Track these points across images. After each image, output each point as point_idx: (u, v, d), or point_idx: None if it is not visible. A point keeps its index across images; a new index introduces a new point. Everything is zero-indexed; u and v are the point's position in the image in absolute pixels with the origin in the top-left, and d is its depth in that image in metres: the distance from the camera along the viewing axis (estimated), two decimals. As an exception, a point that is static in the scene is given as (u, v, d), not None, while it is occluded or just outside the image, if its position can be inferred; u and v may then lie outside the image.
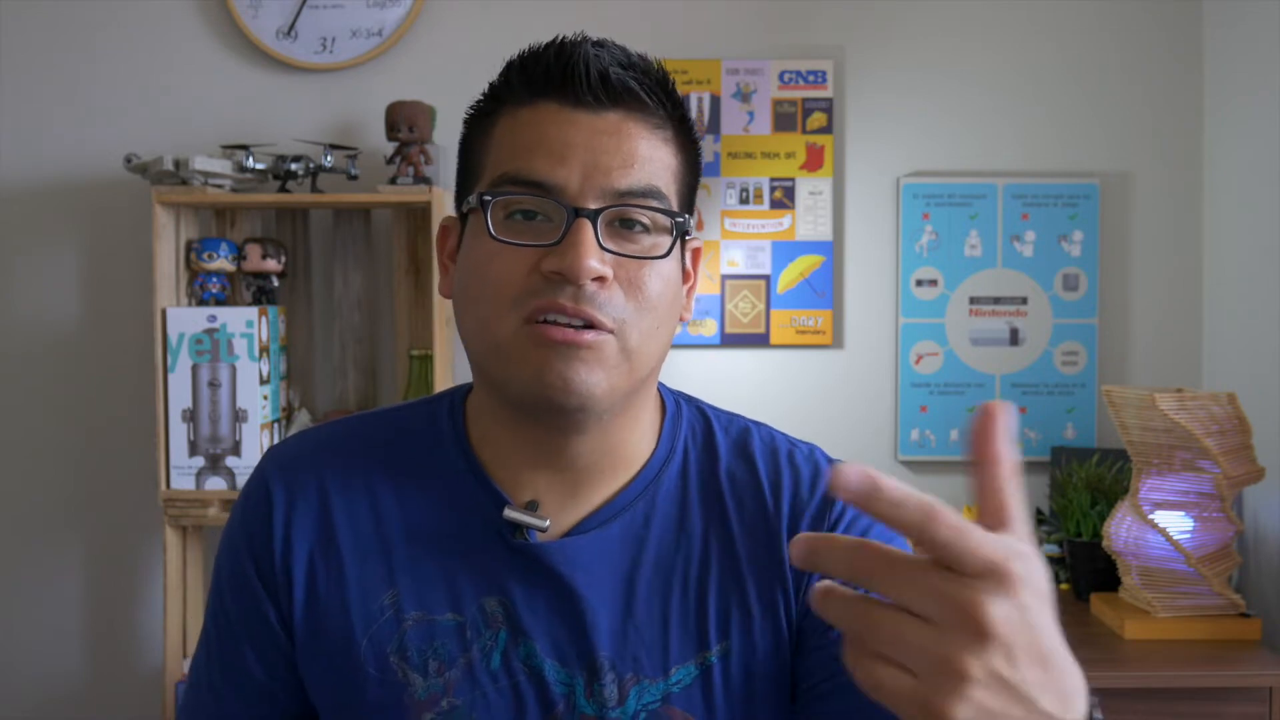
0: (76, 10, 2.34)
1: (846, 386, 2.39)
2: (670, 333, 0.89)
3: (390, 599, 0.88)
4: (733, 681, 0.88)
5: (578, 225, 0.81)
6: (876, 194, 2.38)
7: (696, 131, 0.92)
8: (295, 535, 0.91)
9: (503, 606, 0.88)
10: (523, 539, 0.88)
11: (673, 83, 0.89)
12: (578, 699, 0.86)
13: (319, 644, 0.90)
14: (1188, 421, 1.88)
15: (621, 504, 0.91)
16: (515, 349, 0.83)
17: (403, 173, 2.16)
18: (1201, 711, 1.79)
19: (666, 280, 0.86)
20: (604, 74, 0.84)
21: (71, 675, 2.37)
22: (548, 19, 2.31)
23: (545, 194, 0.83)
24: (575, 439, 0.88)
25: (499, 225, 0.84)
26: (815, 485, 0.93)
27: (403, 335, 2.32)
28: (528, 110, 0.85)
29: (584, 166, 0.83)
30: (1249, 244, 2.20)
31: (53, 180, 2.35)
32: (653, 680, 0.87)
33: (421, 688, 0.87)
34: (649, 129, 0.86)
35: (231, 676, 0.94)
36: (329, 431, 0.97)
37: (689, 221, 0.88)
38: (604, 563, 0.88)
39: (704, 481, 0.93)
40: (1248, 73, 2.21)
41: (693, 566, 0.90)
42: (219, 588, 0.95)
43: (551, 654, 0.87)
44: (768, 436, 0.97)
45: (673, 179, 0.88)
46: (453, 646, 0.87)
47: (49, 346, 2.36)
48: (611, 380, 0.84)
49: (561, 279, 0.81)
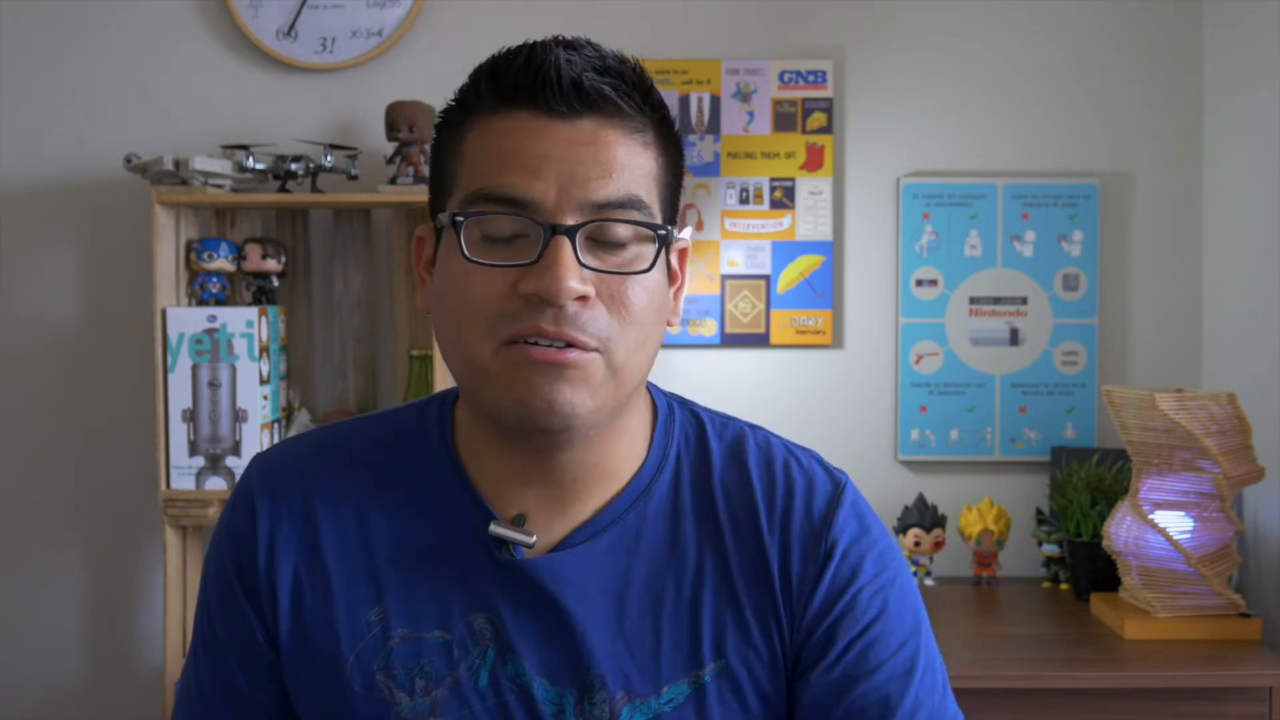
0: (76, 10, 2.34)
1: (846, 386, 2.39)
2: (657, 343, 0.86)
3: (377, 615, 0.87)
4: (727, 701, 0.86)
5: (555, 243, 0.78)
6: (876, 194, 2.38)
7: (676, 128, 0.88)
8: (280, 549, 0.89)
9: (490, 624, 0.86)
10: (509, 555, 0.86)
11: (650, 82, 0.86)
12: (567, 717, 0.85)
13: (305, 660, 0.88)
14: (1188, 421, 1.88)
15: (611, 516, 0.88)
16: (496, 371, 0.81)
17: (403, 173, 2.16)
18: (1201, 711, 1.79)
19: (651, 292, 0.83)
20: (576, 81, 0.80)
21: (71, 675, 2.37)
22: (547, 19, 2.31)
23: (520, 210, 0.80)
24: (561, 454, 0.86)
25: (474, 245, 0.81)
26: (810, 504, 0.90)
27: (403, 335, 2.32)
28: (499, 120, 0.82)
29: (560, 179, 0.79)
30: (1249, 244, 2.20)
31: (53, 180, 2.35)
32: (644, 699, 0.85)
33: (408, 706, 0.85)
34: (626, 134, 0.82)
35: (219, 688, 0.92)
36: (315, 440, 0.95)
37: (672, 232, 0.84)
38: (593, 578, 0.86)
39: (697, 492, 0.90)
40: (1248, 73, 2.21)
41: (685, 582, 0.87)
42: (206, 600, 0.93)
43: (540, 672, 0.85)
44: (764, 442, 0.94)
45: (654, 184, 0.84)
46: (440, 665, 0.85)
47: (49, 346, 2.36)
48: (598, 399, 0.81)
49: (541, 301, 0.78)
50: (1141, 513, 1.95)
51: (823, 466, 0.94)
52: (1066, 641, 1.93)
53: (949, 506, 2.31)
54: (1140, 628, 1.92)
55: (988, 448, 2.37)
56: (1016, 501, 2.34)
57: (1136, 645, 1.90)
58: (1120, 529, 1.97)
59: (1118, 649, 1.89)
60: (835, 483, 0.93)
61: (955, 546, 2.31)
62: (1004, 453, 2.37)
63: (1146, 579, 1.96)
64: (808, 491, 0.91)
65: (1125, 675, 1.79)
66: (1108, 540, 1.99)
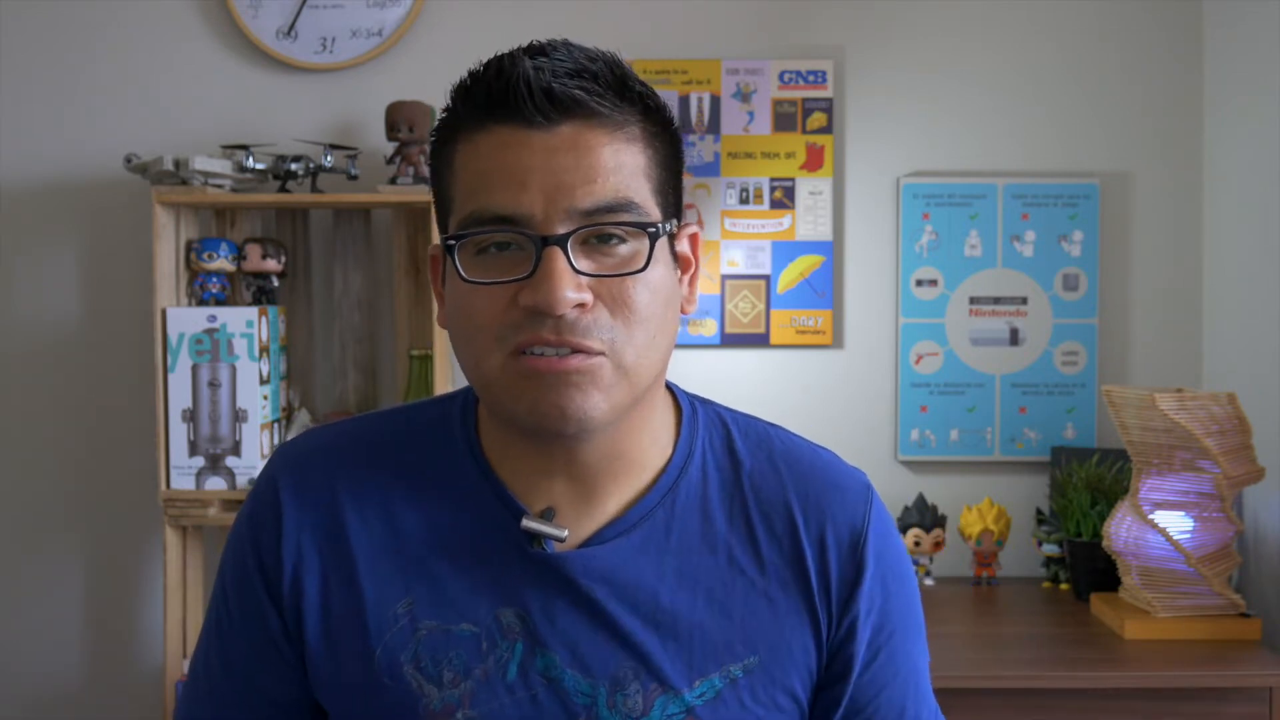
0: (76, 10, 2.34)
1: (846, 386, 2.39)
2: (671, 337, 0.87)
3: (405, 607, 0.87)
4: (759, 696, 0.87)
5: (548, 255, 0.79)
6: (876, 194, 2.38)
7: (667, 114, 0.87)
8: (305, 540, 0.89)
9: (519, 618, 0.86)
10: (540, 549, 0.87)
11: (628, 75, 0.84)
12: (600, 710, 0.85)
13: (332, 650, 0.88)
14: (1188, 421, 1.88)
15: (641, 512, 0.89)
16: (506, 384, 0.82)
17: (403, 173, 2.16)
18: (1201, 711, 1.79)
19: (655, 288, 0.83)
20: (547, 90, 0.80)
21: (71, 675, 2.37)
22: (547, 19, 2.31)
23: (512, 226, 0.80)
24: (584, 448, 0.86)
25: (470, 265, 0.82)
26: (845, 505, 0.92)
27: (403, 335, 2.32)
28: (481, 136, 0.82)
29: (545, 190, 0.80)
30: (1249, 244, 2.20)
31: (53, 180, 2.35)
32: (677, 692, 0.86)
33: (437, 698, 0.85)
34: (608, 134, 0.82)
35: (232, 680, 0.93)
36: (340, 431, 0.95)
37: (662, 228, 0.84)
38: (625, 573, 0.87)
39: (727, 489, 0.91)
40: (1248, 73, 2.21)
41: (718, 577, 0.88)
42: (222, 588, 0.94)
43: (572, 665, 0.85)
44: (790, 441, 0.95)
45: (644, 180, 0.84)
46: (469, 657, 0.86)
47: (49, 346, 2.35)
48: (611, 400, 0.82)
49: (539, 313, 0.79)
50: (1141, 513, 1.95)
51: (845, 465, 0.96)
52: (1066, 641, 1.93)
53: (949, 506, 2.31)
54: (1140, 628, 1.92)
55: (988, 448, 2.37)
56: (1016, 501, 2.34)
57: (1136, 645, 1.90)
58: (1120, 529, 1.97)
59: (1118, 649, 1.89)
60: (863, 483, 0.95)
61: (955, 546, 2.31)
62: (1004, 453, 2.37)
63: (1146, 579, 1.96)
64: (842, 492, 0.93)
65: (1125, 675, 1.79)
66: (1108, 540, 1.99)
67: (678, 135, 0.89)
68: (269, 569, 0.90)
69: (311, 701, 0.92)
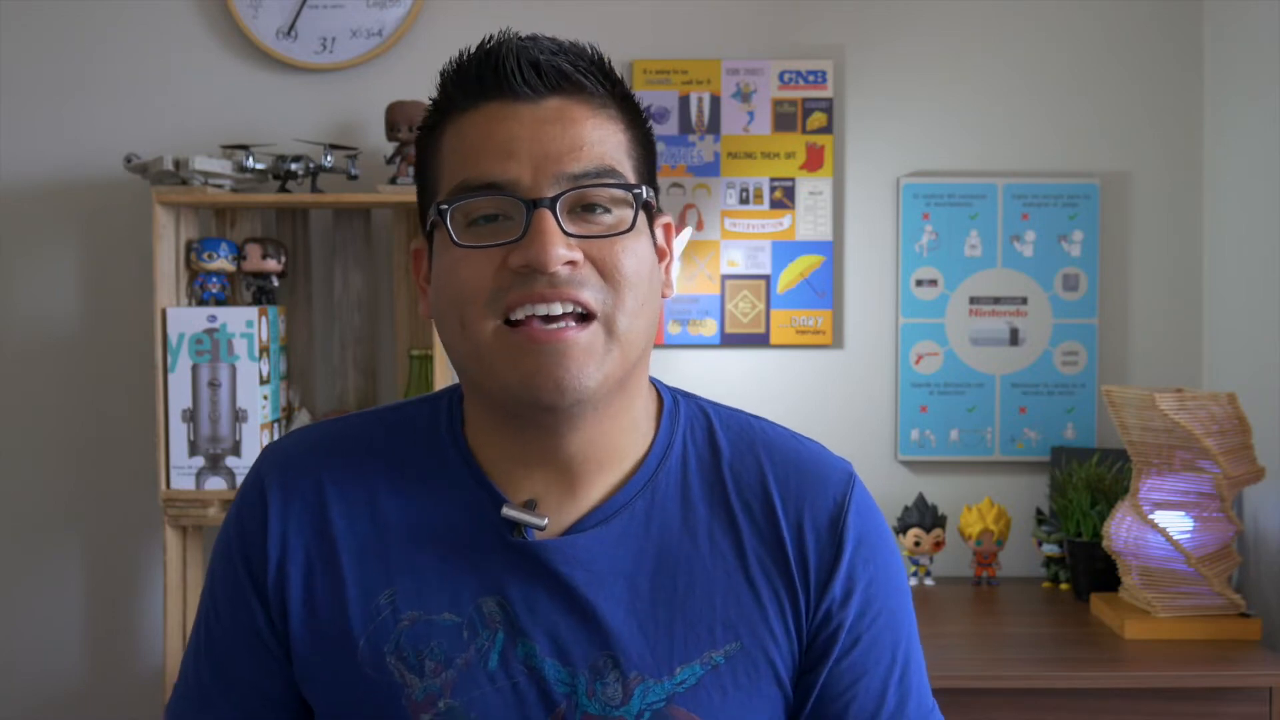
0: (76, 11, 2.34)
1: (846, 386, 2.39)
2: (654, 311, 0.88)
3: (388, 598, 0.88)
4: (740, 683, 0.87)
5: (538, 216, 0.81)
6: (876, 194, 2.38)
7: (638, 102, 0.91)
8: (292, 537, 0.90)
9: (500, 607, 0.87)
10: (521, 538, 0.88)
11: (609, 63, 0.89)
12: (580, 698, 0.86)
13: (316, 644, 0.89)
14: (1188, 421, 1.88)
15: (621, 501, 0.90)
16: (498, 353, 0.83)
17: (403, 173, 2.16)
18: (1201, 711, 1.79)
19: (640, 257, 0.86)
20: (535, 63, 0.84)
21: (71, 675, 2.37)
22: (547, 19, 2.31)
23: (500, 192, 0.82)
24: (567, 435, 0.87)
25: (461, 233, 0.84)
26: (826, 491, 0.92)
27: (403, 335, 2.32)
28: (470, 115, 0.85)
29: (533, 158, 0.83)
30: (1249, 244, 2.20)
31: (53, 180, 2.35)
32: (657, 679, 0.86)
33: (419, 688, 0.86)
34: (592, 109, 0.86)
35: (221, 678, 0.93)
36: (325, 430, 0.96)
37: (648, 192, 0.87)
38: (605, 561, 0.88)
39: (706, 478, 0.92)
40: (1248, 73, 2.21)
41: (698, 565, 0.89)
42: (211, 588, 0.94)
43: (552, 653, 0.86)
44: (771, 431, 0.96)
45: (625, 155, 0.87)
46: (450, 646, 0.86)
47: (49, 346, 2.35)
48: (604, 370, 0.83)
49: (531, 270, 0.81)
50: (1141, 513, 1.95)
51: (830, 454, 0.97)
52: (1066, 641, 1.93)
53: (949, 506, 2.31)
54: (1140, 628, 1.92)
55: (988, 448, 2.37)
56: (1016, 501, 2.34)
57: (1136, 645, 1.90)
58: (1120, 529, 1.97)
59: (1118, 649, 1.89)
60: (845, 470, 0.95)
61: (955, 546, 2.31)
62: (1004, 453, 2.37)
63: (1146, 579, 1.96)
64: (822, 478, 0.93)
65: (1125, 675, 1.79)
66: (1108, 540, 1.99)
67: (651, 132, 0.92)
68: (254, 564, 0.91)
69: (299, 697, 0.93)
